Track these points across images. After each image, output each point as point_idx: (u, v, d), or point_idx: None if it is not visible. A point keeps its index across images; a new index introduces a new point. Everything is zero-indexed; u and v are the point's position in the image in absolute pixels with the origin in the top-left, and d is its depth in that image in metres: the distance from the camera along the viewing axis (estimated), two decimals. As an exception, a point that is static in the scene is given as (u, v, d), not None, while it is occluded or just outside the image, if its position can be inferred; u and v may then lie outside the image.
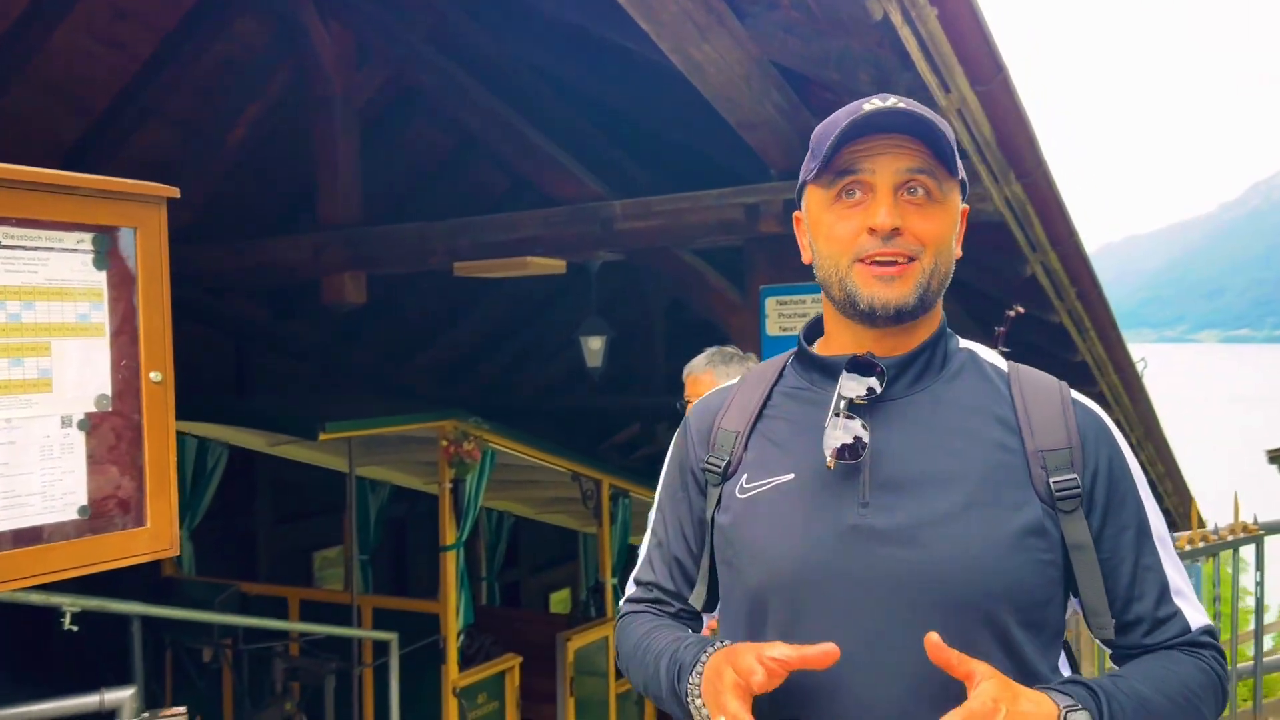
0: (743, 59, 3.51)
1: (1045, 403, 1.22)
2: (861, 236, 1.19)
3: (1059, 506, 1.17)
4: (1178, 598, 1.20)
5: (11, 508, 1.99)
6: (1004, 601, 1.13)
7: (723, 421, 1.34)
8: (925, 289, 1.19)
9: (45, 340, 2.03)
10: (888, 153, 1.18)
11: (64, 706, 2.23)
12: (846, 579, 1.15)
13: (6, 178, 1.95)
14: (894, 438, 1.20)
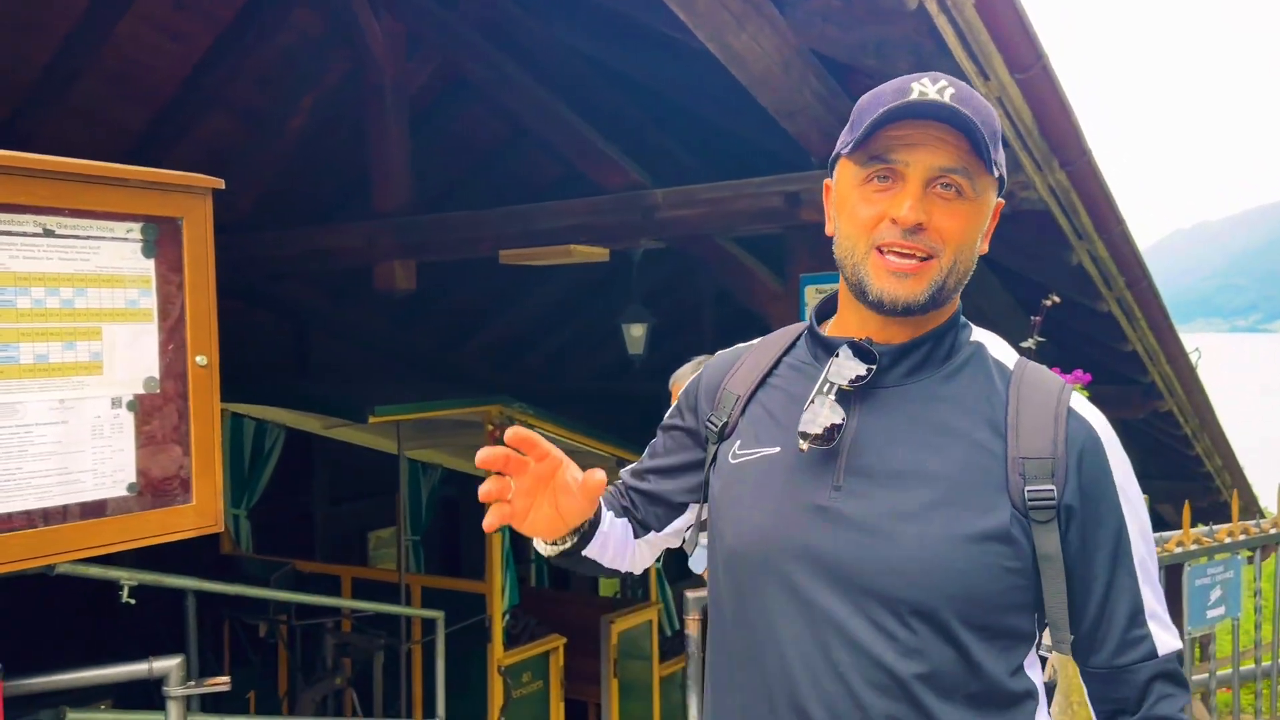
0: (781, 47, 3.52)
1: (1039, 409, 1.19)
2: (883, 223, 1.18)
3: (1032, 516, 1.15)
4: (1151, 620, 1.19)
5: (65, 484, 2.10)
6: (956, 602, 1.13)
7: (729, 382, 1.36)
8: (939, 287, 1.18)
9: (96, 325, 2.14)
10: (925, 145, 1.15)
11: (115, 673, 2.35)
12: (807, 557, 1.18)
13: (60, 170, 2.06)
14: (879, 426, 1.20)
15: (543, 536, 1.27)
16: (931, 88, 1.15)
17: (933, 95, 1.14)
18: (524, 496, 1.20)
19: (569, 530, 1.27)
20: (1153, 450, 7.29)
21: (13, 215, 2.02)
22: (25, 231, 2.04)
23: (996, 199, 1.23)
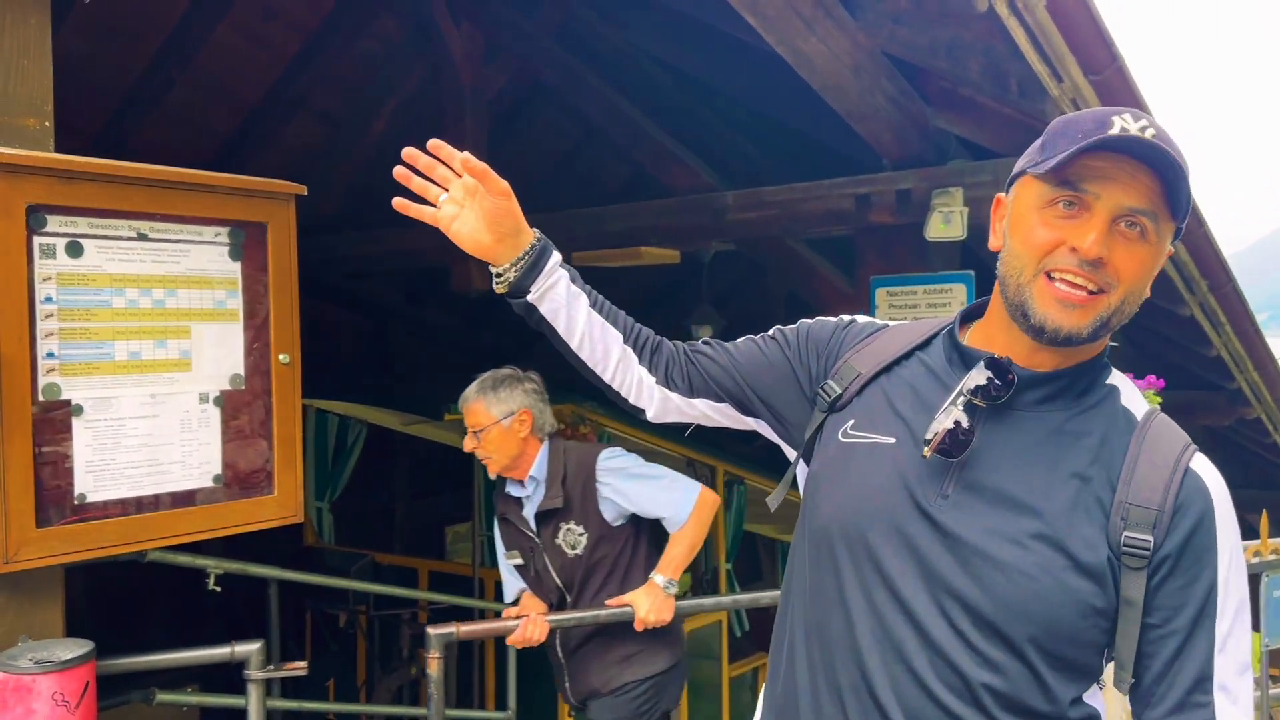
0: (851, 50, 3.52)
1: (1158, 461, 1.19)
2: (1060, 250, 1.16)
3: (1124, 561, 1.16)
4: (1219, 691, 1.17)
5: (155, 474, 2.22)
6: (1040, 628, 1.15)
7: (854, 357, 1.37)
8: (1103, 324, 1.17)
9: (186, 324, 2.25)
10: (1119, 181, 1.14)
11: (198, 655, 2.48)
12: (906, 553, 1.21)
13: (153, 177, 2.18)
14: (998, 446, 1.21)
15: (476, 250, 1.45)
16: (1134, 125, 1.13)
17: (1134, 132, 1.12)
18: (450, 203, 1.42)
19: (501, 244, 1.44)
20: (1239, 457, 7.07)
21: (109, 220, 2.14)
22: (121, 235, 2.16)
23: (1170, 247, 1.22)
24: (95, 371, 2.11)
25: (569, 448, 3.06)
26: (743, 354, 1.50)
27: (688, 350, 1.54)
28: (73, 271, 2.08)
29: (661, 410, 1.55)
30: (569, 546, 2.99)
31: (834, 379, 1.36)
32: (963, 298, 4.15)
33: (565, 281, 1.50)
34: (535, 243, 1.49)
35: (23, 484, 2.00)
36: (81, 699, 2.02)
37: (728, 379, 1.49)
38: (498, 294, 1.51)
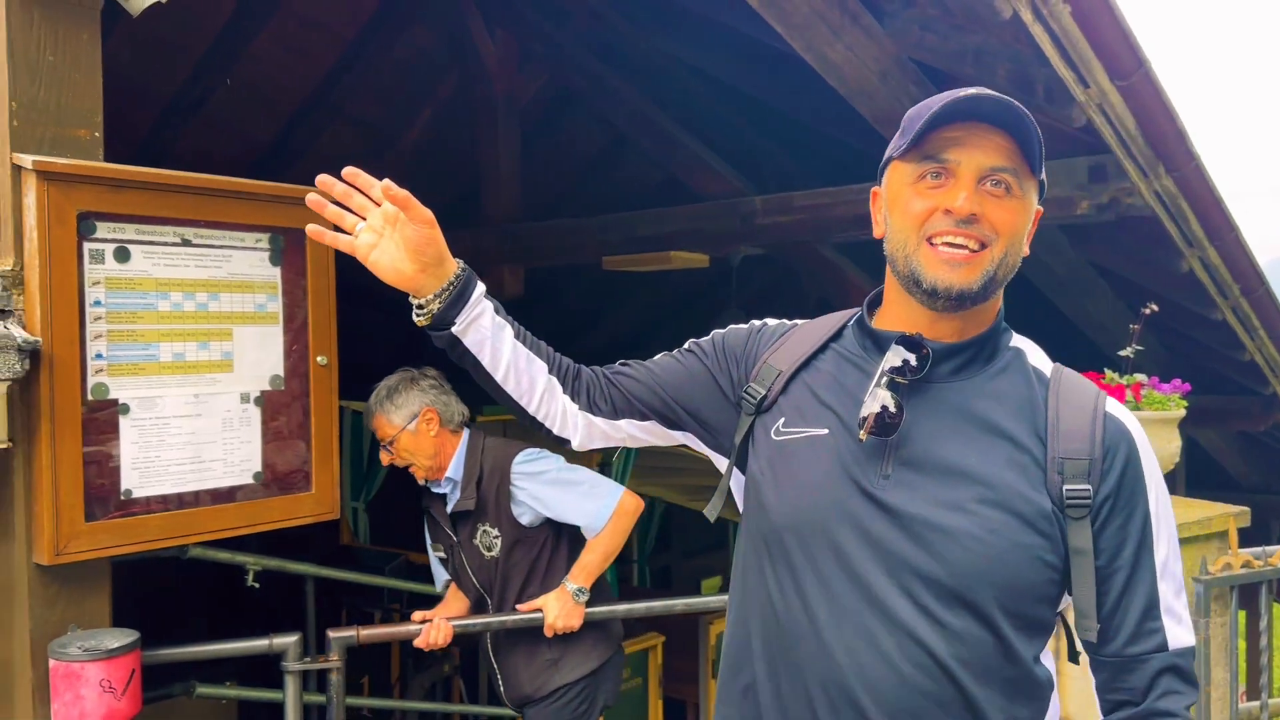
0: (879, 56, 3.56)
1: (1077, 412, 1.25)
2: (935, 215, 1.23)
3: (1068, 513, 1.21)
4: (1166, 615, 1.24)
5: (198, 471, 2.30)
6: (998, 588, 1.19)
7: (771, 356, 1.41)
8: (990, 278, 1.24)
9: (228, 327, 2.34)
10: (977, 144, 1.22)
11: (238, 647, 2.55)
12: (859, 537, 1.23)
13: (197, 185, 2.26)
14: (927, 420, 1.26)
15: (397, 280, 1.40)
16: (978, 93, 1.22)
17: (986, 93, 1.21)
18: (367, 231, 1.39)
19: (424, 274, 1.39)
20: (1276, 463, 6.99)
21: (156, 226, 2.23)
22: (166, 241, 2.25)
23: (1037, 205, 1.29)
24: (141, 372, 2.20)
25: (488, 445, 2.99)
26: (663, 369, 1.51)
27: (607, 373, 1.54)
28: (120, 276, 2.17)
29: (586, 437, 1.54)
30: (485, 548, 2.96)
31: (756, 381, 1.40)
32: (991, 302, 4.17)
33: (490, 313, 1.47)
34: (460, 273, 1.44)
35: (73, 480, 2.08)
36: (127, 686, 2.10)
37: (650, 395, 1.50)
38: (418, 327, 1.46)
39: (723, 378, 1.46)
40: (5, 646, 2.14)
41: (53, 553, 2.06)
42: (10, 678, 2.13)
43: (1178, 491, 4.67)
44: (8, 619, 2.13)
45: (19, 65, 2.08)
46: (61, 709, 2.05)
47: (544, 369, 1.50)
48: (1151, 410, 2.84)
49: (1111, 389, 2.88)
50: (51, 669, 2.06)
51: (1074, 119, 3.44)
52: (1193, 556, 2.83)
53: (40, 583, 2.11)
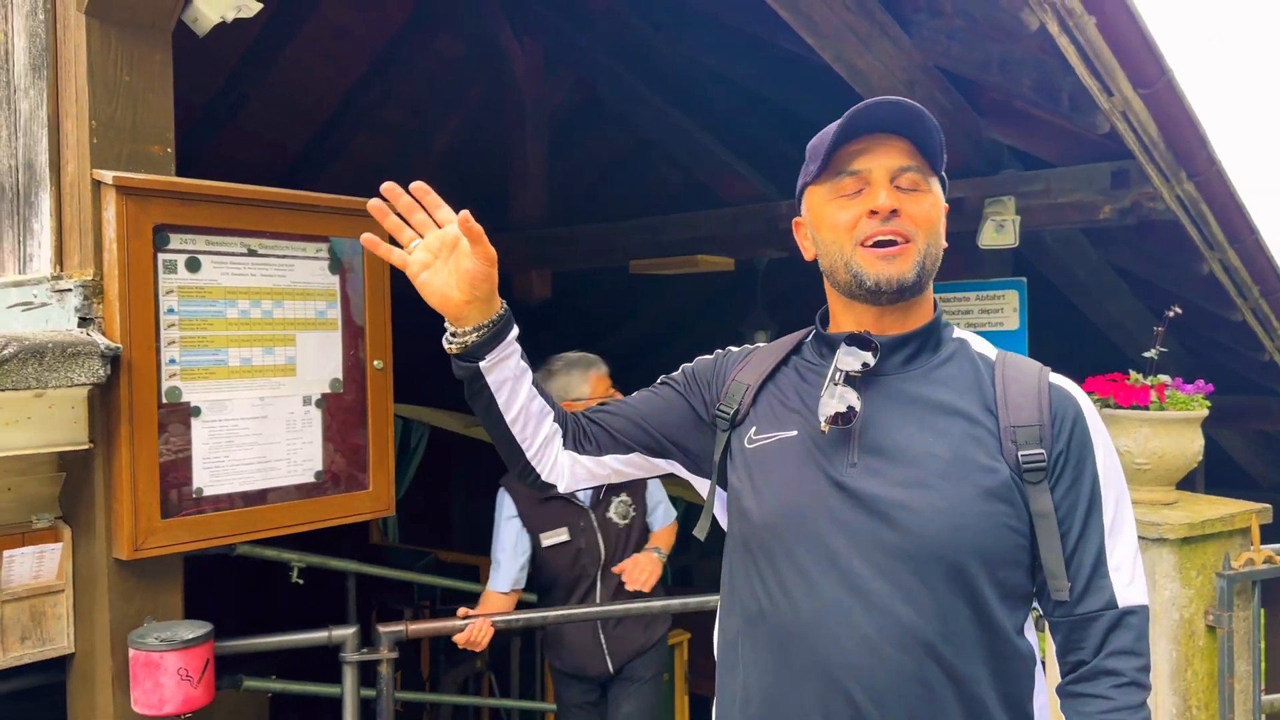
0: (906, 65, 3.65)
1: (1023, 384, 1.35)
2: (862, 221, 1.33)
3: (1026, 478, 1.30)
4: (1114, 571, 1.31)
5: (264, 470, 2.41)
6: (970, 556, 1.27)
7: (738, 374, 1.51)
8: (921, 266, 1.34)
9: (291, 333, 2.45)
10: (882, 151, 1.33)
11: (300, 639, 2.66)
12: (833, 526, 1.31)
13: (262, 198, 2.37)
14: (884, 409, 1.35)
15: (442, 305, 1.42)
16: (876, 105, 1.33)
17: (881, 99, 1.32)
18: (423, 250, 1.42)
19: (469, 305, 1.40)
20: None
21: (224, 237, 2.34)
22: (233, 251, 2.36)
23: (943, 202, 1.40)
24: (211, 376, 2.31)
25: None
26: (641, 402, 1.59)
27: (587, 415, 1.60)
28: (192, 285, 2.28)
29: (571, 480, 1.58)
30: (620, 517, 3.33)
31: (726, 399, 1.48)
32: (1015, 304, 4.25)
33: (517, 356, 1.50)
34: (502, 313, 1.47)
35: (150, 479, 2.20)
36: (203, 675, 2.21)
37: (633, 428, 1.56)
38: (447, 352, 1.48)
39: (697, 402, 1.54)
40: (87, 637, 2.25)
41: (131, 548, 2.17)
42: (92, 666, 2.24)
43: (1197, 490, 4.73)
44: (89, 611, 2.25)
45: (98, 86, 2.20)
46: (141, 696, 2.16)
47: (550, 416, 1.55)
48: (1175, 410, 2.92)
49: (1136, 390, 2.96)
50: (132, 658, 2.18)
51: (1098, 126, 3.52)
52: (1216, 552, 2.91)
53: (119, 577, 2.22)
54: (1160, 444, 2.93)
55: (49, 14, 2.25)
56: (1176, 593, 2.86)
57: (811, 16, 3.31)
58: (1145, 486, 3.02)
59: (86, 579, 2.25)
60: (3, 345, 1.98)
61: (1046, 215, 3.99)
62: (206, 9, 2.30)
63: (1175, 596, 2.86)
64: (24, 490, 2.25)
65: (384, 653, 2.83)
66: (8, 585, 2.18)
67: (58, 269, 2.27)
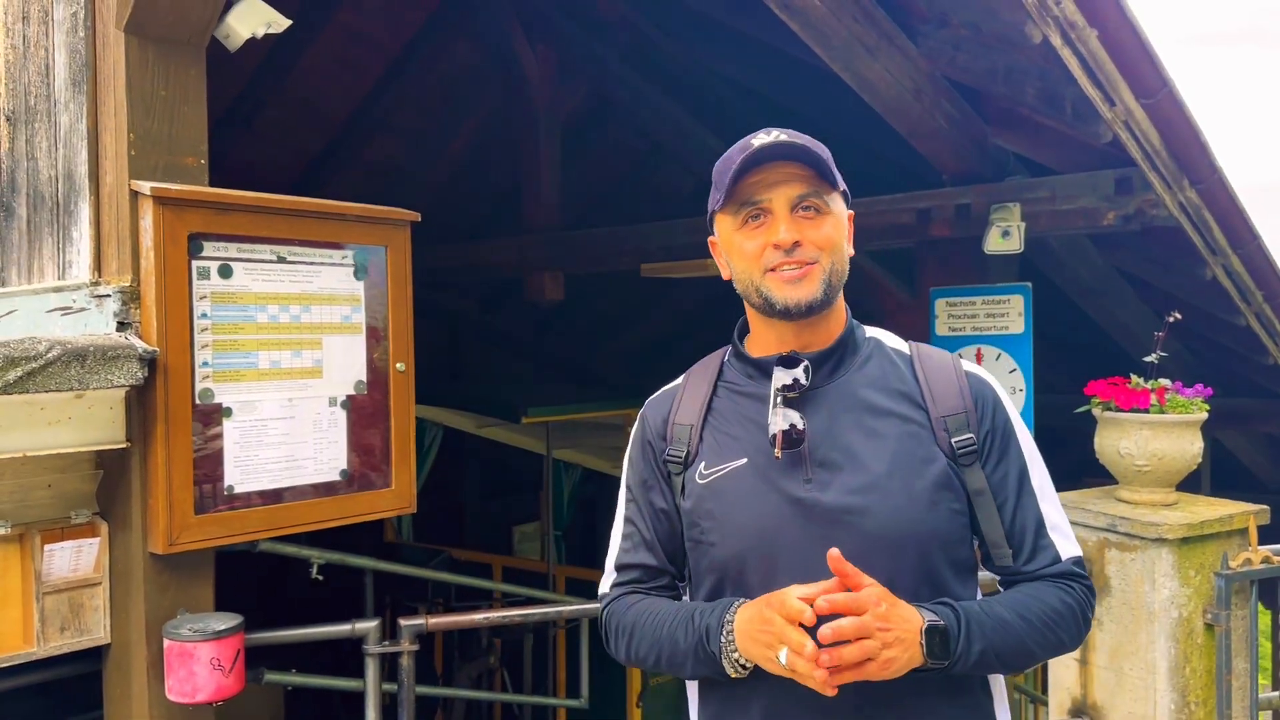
0: (913, 74, 3.73)
1: (943, 376, 1.46)
2: (767, 251, 1.41)
3: (960, 461, 1.41)
4: (1053, 531, 1.44)
5: (291, 469, 2.51)
6: (930, 545, 1.38)
7: (676, 417, 1.54)
8: (828, 285, 1.42)
9: (318, 337, 2.54)
10: (780, 181, 1.41)
11: (325, 631, 2.76)
12: (801, 542, 1.37)
13: (291, 207, 2.47)
14: (823, 421, 1.43)
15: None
16: (767, 138, 1.41)
17: (768, 141, 1.40)
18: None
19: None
20: (1302, 465, 7.08)
21: (255, 245, 2.43)
22: (264, 259, 2.45)
23: (847, 210, 1.50)
24: (242, 378, 2.41)
25: None
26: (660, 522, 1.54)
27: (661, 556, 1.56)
28: (224, 291, 2.38)
29: None
30: None
31: (674, 446, 1.51)
32: (1020, 308, 4.32)
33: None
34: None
35: (184, 477, 2.29)
36: (234, 665, 2.31)
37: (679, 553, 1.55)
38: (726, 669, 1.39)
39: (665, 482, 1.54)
40: (123, 628, 2.35)
41: (166, 543, 2.26)
42: (128, 656, 2.34)
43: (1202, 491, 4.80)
44: (125, 603, 2.34)
45: (136, 100, 2.29)
46: (176, 684, 2.26)
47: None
48: (1175, 414, 2.99)
49: (1136, 393, 3.04)
50: (166, 648, 2.28)
51: (1101, 134, 3.60)
52: (1214, 552, 2.99)
53: (154, 570, 2.32)
54: (1160, 446, 3.01)
55: (89, 31, 2.35)
56: (1175, 591, 2.94)
57: (820, 27, 3.40)
58: (1146, 488, 3.09)
59: (123, 572, 2.34)
60: (47, 348, 2.07)
61: (1051, 221, 4.07)
62: (239, 26, 2.39)
63: (1174, 595, 2.94)
64: (64, 487, 2.35)
65: (405, 645, 2.92)
66: (48, 578, 2.28)
67: (96, 275, 2.37)
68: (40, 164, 2.53)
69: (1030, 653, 1.38)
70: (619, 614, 1.53)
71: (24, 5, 2.54)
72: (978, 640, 1.31)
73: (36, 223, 2.56)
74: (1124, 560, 3.01)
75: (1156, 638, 2.95)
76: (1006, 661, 1.36)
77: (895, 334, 1.57)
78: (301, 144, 6.41)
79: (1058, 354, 6.41)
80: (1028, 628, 1.36)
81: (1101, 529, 3.07)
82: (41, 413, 2.18)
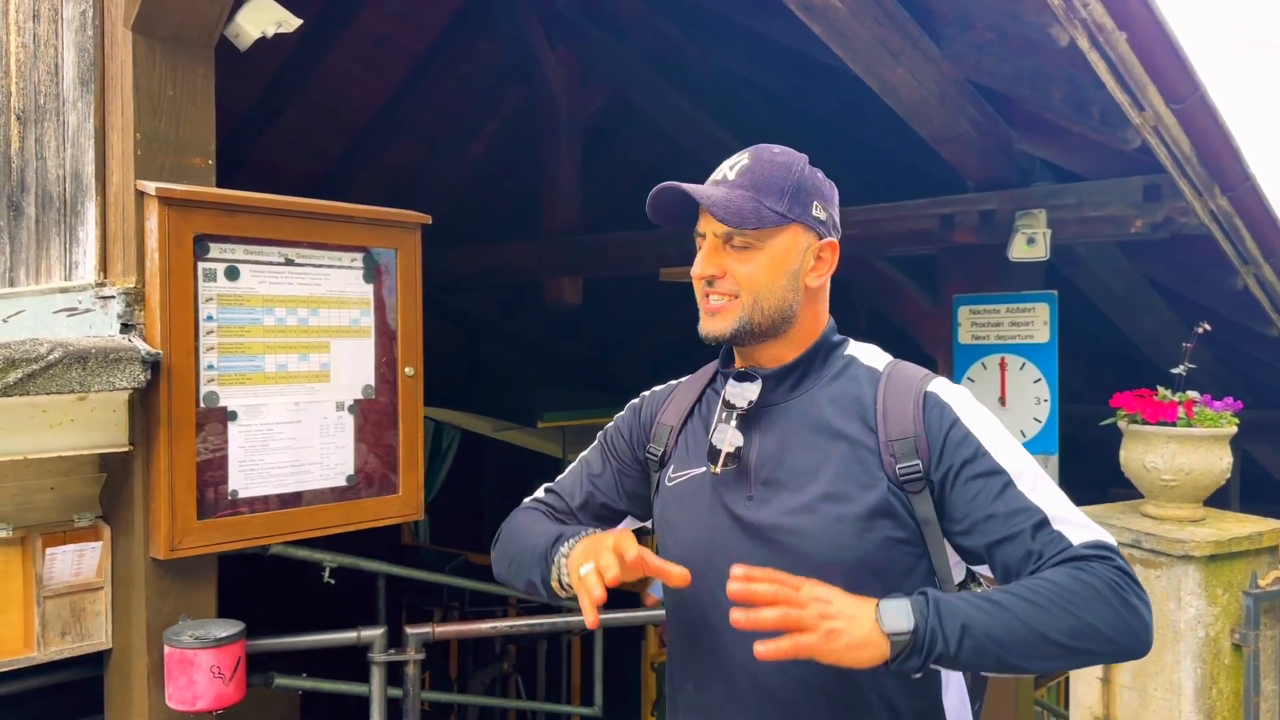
0: (937, 78, 3.65)
1: (901, 398, 1.38)
2: (697, 279, 1.44)
3: (906, 488, 1.33)
4: (1059, 524, 1.28)
5: (297, 474, 2.47)
6: (860, 573, 1.30)
7: (662, 416, 1.57)
8: (747, 322, 1.40)
9: (326, 340, 2.51)
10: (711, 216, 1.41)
11: (328, 639, 2.72)
12: (734, 557, 1.33)
13: (300, 209, 2.43)
14: (776, 438, 1.41)
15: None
16: (727, 170, 1.43)
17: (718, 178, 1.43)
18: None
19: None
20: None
21: (262, 247, 2.40)
22: (271, 261, 2.42)
23: (820, 240, 1.44)
24: (248, 381, 2.37)
25: None
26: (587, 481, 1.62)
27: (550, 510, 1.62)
28: (231, 293, 2.35)
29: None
30: None
31: (654, 442, 1.55)
32: (1046, 317, 4.24)
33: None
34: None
35: (187, 481, 2.26)
36: (234, 673, 2.27)
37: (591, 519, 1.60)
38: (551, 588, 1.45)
39: (631, 457, 1.60)
40: (124, 633, 2.33)
41: (168, 548, 2.23)
42: (128, 662, 2.31)
43: (1231, 507, 4.69)
44: (126, 608, 2.32)
45: (143, 99, 2.27)
46: (175, 691, 2.23)
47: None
48: (1203, 427, 2.91)
49: (1163, 406, 2.96)
50: (167, 655, 2.24)
51: (1129, 140, 3.51)
52: (1243, 570, 2.90)
53: (155, 575, 2.29)
54: (1187, 460, 2.92)
55: (97, 30, 2.33)
56: (1202, 610, 2.85)
57: (842, 29, 3.33)
58: (1172, 503, 3.01)
59: (124, 577, 2.32)
60: (48, 350, 2.05)
61: (1078, 229, 3.98)
62: (248, 25, 2.36)
63: (1201, 614, 2.85)
64: (66, 490, 2.32)
65: (411, 653, 2.89)
66: (49, 582, 2.26)
67: (102, 276, 2.35)
68: (49, 163, 2.51)
69: (1049, 639, 1.18)
70: (514, 517, 1.62)
71: (34, 3, 2.53)
72: (953, 615, 1.16)
73: (44, 222, 2.54)
74: (1149, 577, 2.93)
75: (1182, 658, 2.87)
76: (1016, 649, 1.17)
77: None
78: (323, 146, 6.41)
79: (1084, 363, 6.30)
80: (1029, 607, 1.18)
81: (1126, 545, 2.99)
82: (43, 415, 2.16)
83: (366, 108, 6.23)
